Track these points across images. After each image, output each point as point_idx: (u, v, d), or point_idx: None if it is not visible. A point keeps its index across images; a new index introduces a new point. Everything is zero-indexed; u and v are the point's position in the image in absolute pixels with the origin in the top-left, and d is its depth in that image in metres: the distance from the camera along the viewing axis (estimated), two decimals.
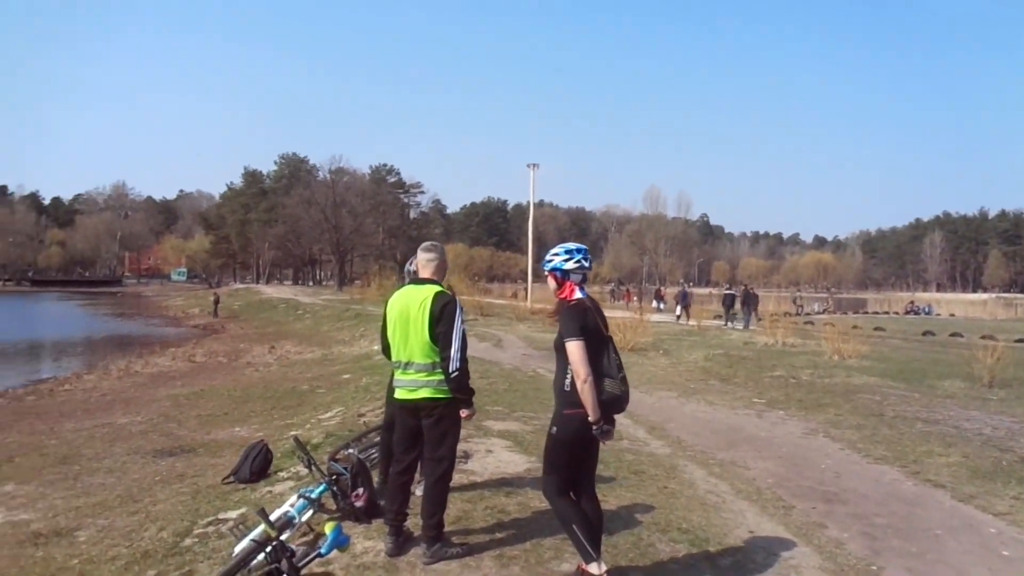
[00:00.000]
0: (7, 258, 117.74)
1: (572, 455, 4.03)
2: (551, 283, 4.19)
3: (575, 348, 3.83)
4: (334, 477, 5.19)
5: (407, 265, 5.71)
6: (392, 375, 4.85)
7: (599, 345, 3.94)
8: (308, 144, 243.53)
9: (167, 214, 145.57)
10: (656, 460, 7.67)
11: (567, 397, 3.95)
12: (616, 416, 4.05)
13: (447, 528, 4.66)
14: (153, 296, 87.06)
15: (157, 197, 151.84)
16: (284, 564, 3.30)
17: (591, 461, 4.19)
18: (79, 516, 7.24)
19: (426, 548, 4.47)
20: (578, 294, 4.07)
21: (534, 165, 45.02)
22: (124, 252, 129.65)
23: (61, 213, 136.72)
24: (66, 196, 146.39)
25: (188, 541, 5.84)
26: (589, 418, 3.83)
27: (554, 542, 4.76)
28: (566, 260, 4.12)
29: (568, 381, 3.92)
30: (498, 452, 7.48)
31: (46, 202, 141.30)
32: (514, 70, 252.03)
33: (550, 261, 4.16)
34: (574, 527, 3.95)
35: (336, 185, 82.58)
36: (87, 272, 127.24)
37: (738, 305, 32.19)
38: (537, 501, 5.66)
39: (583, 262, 4.12)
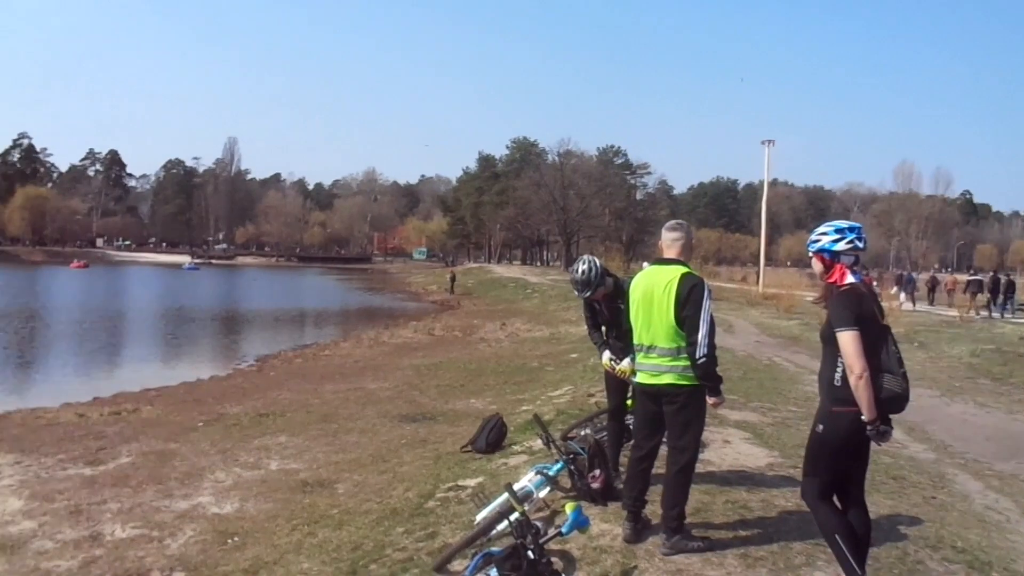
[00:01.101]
0: (279, 237, 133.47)
1: (839, 457, 3.65)
2: (816, 265, 3.80)
3: (849, 339, 3.44)
4: (571, 456, 5.18)
5: (573, 274, 5.58)
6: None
7: (877, 336, 3.51)
8: (538, 128, 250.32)
9: (410, 197, 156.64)
10: (918, 466, 6.87)
11: (836, 393, 3.57)
12: None
13: (687, 519, 4.46)
14: (397, 273, 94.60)
15: (402, 182, 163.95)
16: (528, 539, 3.30)
17: (861, 465, 3.77)
18: (338, 470, 7.95)
19: (666, 538, 4.31)
20: (850, 278, 3.65)
21: (769, 142, 42.64)
22: (373, 232, 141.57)
23: (322, 197, 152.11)
24: (326, 182, 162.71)
25: (431, 503, 6.16)
26: (864, 417, 3.43)
27: (805, 547, 4.38)
28: (836, 240, 3.71)
29: (839, 375, 3.54)
30: (736, 443, 7.11)
31: (310, 187, 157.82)
32: (745, 43, 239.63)
33: (816, 241, 3.78)
34: (837, 537, 3.58)
35: (564, 167, 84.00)
36: (342, 250, 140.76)
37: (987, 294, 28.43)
38: (782, 500, 5.28)
39: (856, 242, 3.69)
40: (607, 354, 5.59)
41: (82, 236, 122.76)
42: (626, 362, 5.31)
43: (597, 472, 5.06)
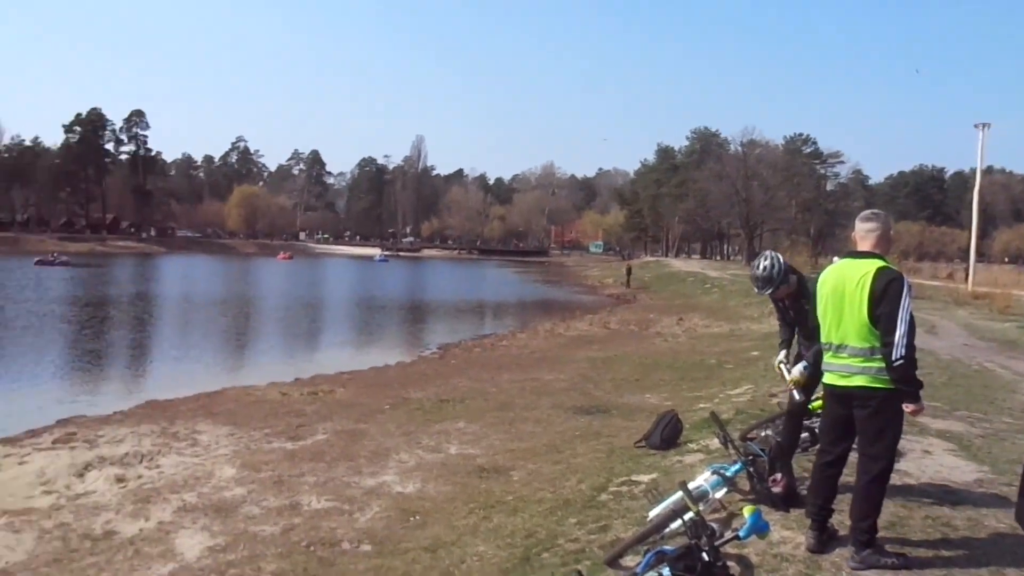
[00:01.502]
0: (461, 230, 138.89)
1: None
2: None
3: None
4: (751, 458, 4.97)
5: (753, 270, 5.24)
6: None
7: None
8: (720, 118, 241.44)
9: (587, 191, 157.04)
10: None
11: None
12: None
13: (879, 533, 4.13)
14: (573, 266, 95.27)
15: (579, 175, 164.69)
16: (703, 540, 3.20)
17: None
18: (513, 458, 8.14)
19: (855, 551, 4.02)
20: None
21: (984, 125, 38.37)
22: (550, 226, 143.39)
23: (502, 192, 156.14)
24: (506, 177, 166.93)
25: (604, 496, 6.14)
26: None
27: (1020, 574, 3.92)
28: None
29: None
30: (938, 454, 6.49)
31: (491, 182, 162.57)
32: (951, 14, 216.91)
33: None
34: None
35: (747, 158, 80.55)
36: (520, 243, 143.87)
37: None
38: (993, 520, 4.75)
39: None
40: (781, 355, 5.34)
41: (287, 230, 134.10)
42: (796, 370, 5.04)
43: (778, 476, 4.82)
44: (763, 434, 5.94)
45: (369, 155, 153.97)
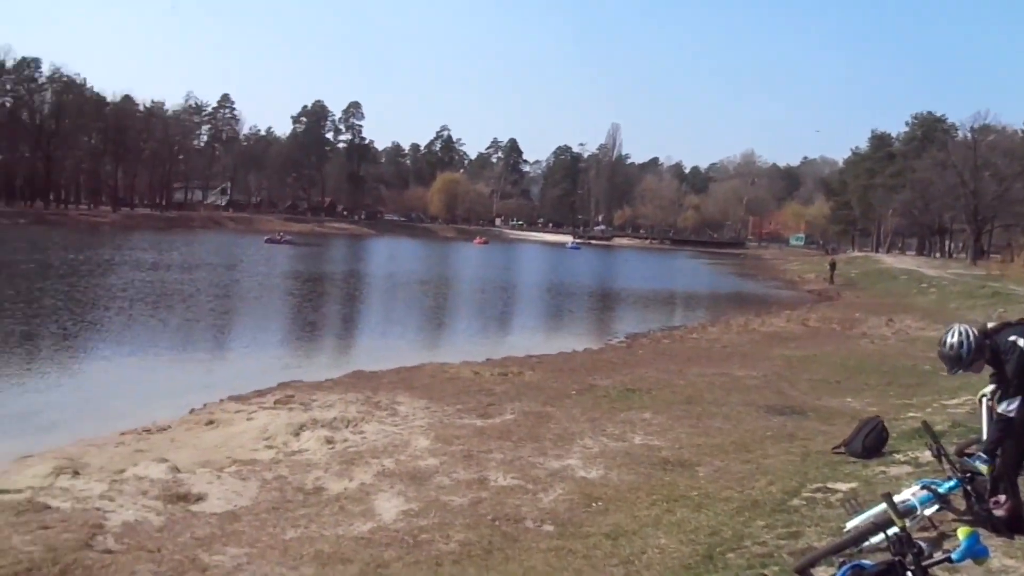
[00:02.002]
0: (654, 219, 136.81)
1: None
2: None
3: None
4: (968, 475, 4.50)
5: (940, 347, 4.64)
6: None
7: None
8: (947, 101, 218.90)
9: (789, 180, 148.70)
10: None
11: None
12: None
13: None
14: (771, 259, 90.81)
15: (781, 164, 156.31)
16: (908, 558, 2.95)
17: None
18: (699, 453, 7.95)
19: None
20: None
21: None
22: (748, 216, 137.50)
23: (698, 180, 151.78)
24: (703, 165, 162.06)
25: (796, 501, 5.85)
26: None
27: None
28: None
29: None
30: None
31: (687, 171, 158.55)
32: None
33: None
34: None
35: (978, 145, 72.25)
36: (715, 234, 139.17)
37: None
38: None
39: None
40: (989, 388, 4.82)
41: (485, 215, 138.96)
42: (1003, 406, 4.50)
43: (1002, 497, 4.34)
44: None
45: (564, 143, 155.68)
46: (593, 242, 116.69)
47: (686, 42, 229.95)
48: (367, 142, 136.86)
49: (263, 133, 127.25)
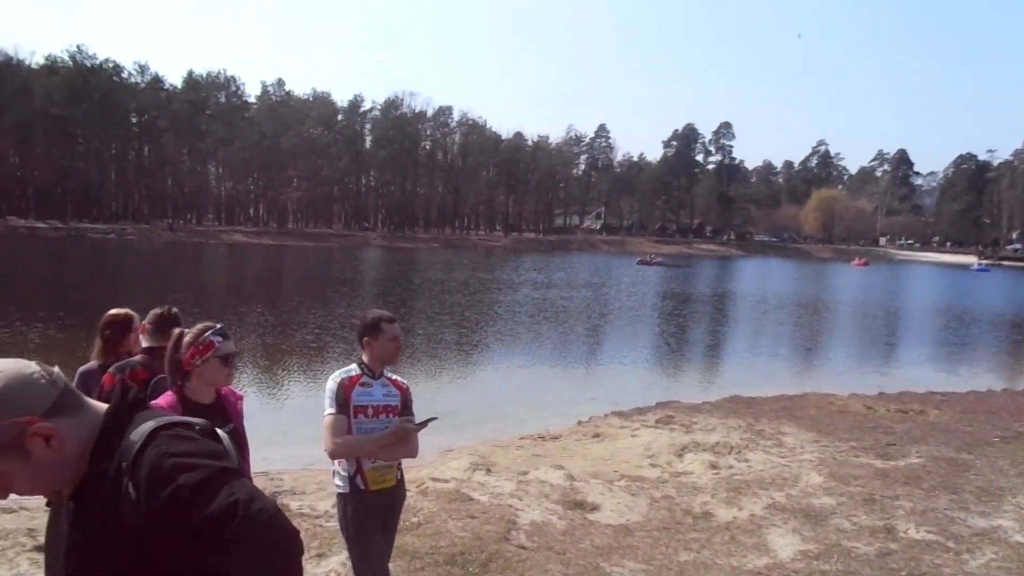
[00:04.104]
0: None
1: None
2: None
3: None
4: None
5: None
6: None
7: None
8: None
9: None
10: None
11: None
12: None
13: None
14: None
15: None
16: None
17: None
18: None
19: None
20: None
21: None
22: None
23: None
24: None
25: None
26: None
27: None
28: None
29: None
30: None
31: None
32: None
33: None
34: None
35: None
36: None
37: None
38: None
39: None
40: None
41: (866, 235, 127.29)
42: None
43: None
44: None
45: (968, 151, 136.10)
46: (1006, 263, 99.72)
47: None
48: (737, 162, 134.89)
49: (635, 159, 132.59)
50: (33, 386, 1.33)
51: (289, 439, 9.49)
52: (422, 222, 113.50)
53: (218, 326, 3.22)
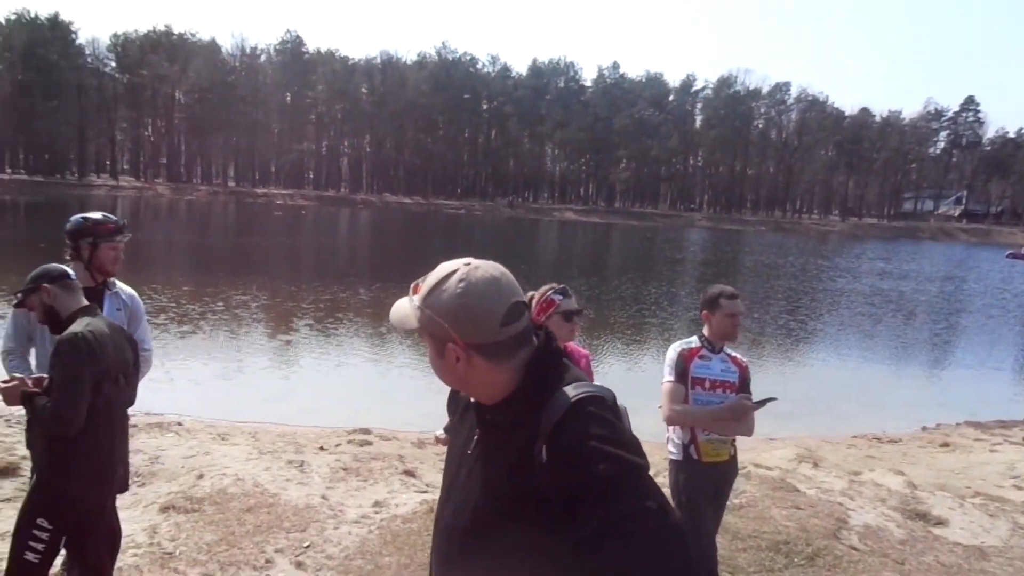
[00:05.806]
0: None
1: None
2: None
3: None
4: None
5: None
6: None
7: None
8: None
9: None
10: None
11: None
12: None
13: None
14: None
15: None
16: None
17: None
18: None
19: None
20: None
21: None
22: None
23: None
24: None
25: None
26: None
27: None
28: None
29: None
30: None
31: None
32: None
33: None
34: None
35: None
36: None
37: None
38: None
39: None
40: None
41: None
42: None
43: None
44: None
45: None
46: None
47: None
48: None
49: (1011, 135, 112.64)
50: (492, 317, 1.35)
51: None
52: (750, 204, 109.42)
53: (559, 286, 3.51)
